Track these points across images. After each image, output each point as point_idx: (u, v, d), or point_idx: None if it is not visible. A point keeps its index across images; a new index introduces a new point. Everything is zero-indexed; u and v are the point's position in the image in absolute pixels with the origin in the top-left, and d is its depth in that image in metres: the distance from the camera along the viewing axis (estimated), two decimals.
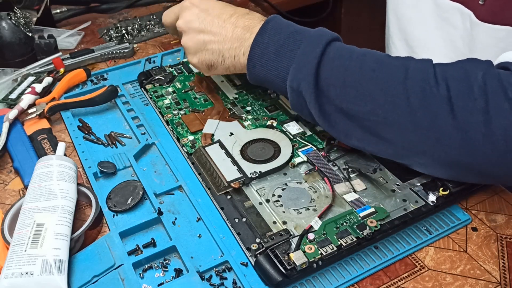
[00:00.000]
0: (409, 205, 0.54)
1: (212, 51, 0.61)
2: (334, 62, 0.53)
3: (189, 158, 0.63)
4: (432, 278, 0.49)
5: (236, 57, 0.60)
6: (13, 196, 0.61)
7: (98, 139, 0.68)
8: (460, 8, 0.64)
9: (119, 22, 0.96)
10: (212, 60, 0.62)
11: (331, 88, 0.53)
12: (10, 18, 0.81)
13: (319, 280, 0.49)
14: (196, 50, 0.63)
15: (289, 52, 0.56)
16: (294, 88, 0.55)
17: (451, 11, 0.66)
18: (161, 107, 0.71)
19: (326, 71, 0.53)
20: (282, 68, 0.56)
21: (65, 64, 0.81)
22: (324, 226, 0.52)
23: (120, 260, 0.51)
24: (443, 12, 0.68)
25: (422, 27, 0.73)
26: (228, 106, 0.70)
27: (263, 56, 0.58)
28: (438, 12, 0.68)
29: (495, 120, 0.46)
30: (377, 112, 0.51)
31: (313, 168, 0.59)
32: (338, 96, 0.53)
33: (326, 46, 0.54)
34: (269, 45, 0.57)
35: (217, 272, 0.50)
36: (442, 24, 0.69)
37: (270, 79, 0.58)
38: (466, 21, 0.64)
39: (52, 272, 0.47)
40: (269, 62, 0.57)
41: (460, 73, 0.49)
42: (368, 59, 0.53)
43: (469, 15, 0.63)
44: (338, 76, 0.53)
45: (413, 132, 0.50)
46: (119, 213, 0.57)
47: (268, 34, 0.57)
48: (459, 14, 0.65)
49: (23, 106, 0.70)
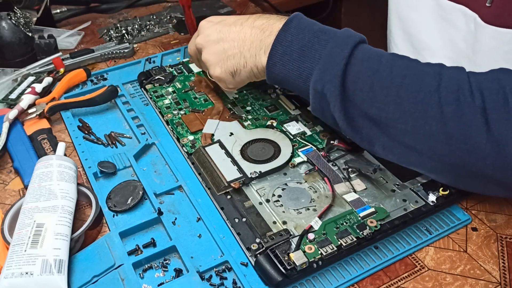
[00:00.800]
0: (409, 205, 0.54)
1: (234, 55, 0.59)
2: (362, 65, 0.51)
3: (189, 158, 0.63)
4: (432, 278, 0.49)
5: (257, 56, 0.58)
6: (13, 196, 0.61)
7: (98, 139, 0.68)
8: (464, 10, 0.64)
9: (119, 22, 0.96)
10: (234, 65, 0.59)
11: (358, 92, 0.51)
12: (10, 18, 0.81)
13: (319, 280, 0.49)
14: (217, 61, 0.60)
15: (314, 51, 0.53)
16: (318, 90, 0.53)
17: (454, 12, 0.66)
18: (161, 107, 0.71)
19: (353, 73, 0.51)
20: (305, 68, 0.54)
21: (65, 64, 0.81)
22: (324, 226, 0.52)
23: (120, 260, 0.51)
24: (446, 14, 0.67)
25: (424, 28, 0.72)
26: (228, 106, 0.70)
27: (285, 55, 0.55)
28: (440, 13, 0.68)
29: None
30: (406, 120, 0.49)
31: (313, 168, 0.59)
32: (365, 101, 0.50)
33: (354, 48, 0.52)
34: (292, 44, 0.54)
35: (217, 272, 0.50)
36: (444, 25, 0.68)
37: (291, 79, 0.56)
38: (470, 23, 0.63)
39: (52, 272, 0.47)
40: (292, 61, 0.55)
41: (494, 83, 0.47)
42: (398, 63, 0.51)
43: (473, 17, 0.62)
44: (366, 79, 0.50)
45: (443, 143, 0.48)
46: (119, 213, 0.57)
47: (291, 32, 0.55)
48: (463, 16, 0.64)
49: (23, 106, 0.70)
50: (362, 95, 0.51)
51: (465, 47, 0.66)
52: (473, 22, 0.62)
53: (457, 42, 0.67)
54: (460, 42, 0.67)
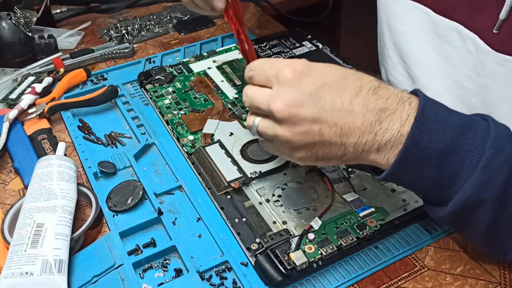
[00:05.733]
0: (409, 205, 0.54)
1: (330, 144, 0.44)
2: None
3: (189, 158, 0.63)
4: (432, 278, 0.49)
5: (364, 152, 0.44)
6: (13, 196, 0.61)
7: (98, 139, 0.68)
8: (459, 28, 0.61)
9: (119, 22, 0.96)
10: (327, 153, 0.45)
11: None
12: (10, 18, 0.81)
13: (319, 280, 0.49)
14: (306, 144, 0.44)
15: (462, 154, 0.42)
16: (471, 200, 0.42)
17: (449, 29, 0.63)
18: (161, 107, 0.71)
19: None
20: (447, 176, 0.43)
21: (65, 64, 0.81)
22: (324, 226, 0.52)
23: (120, 260, 0.51)
24: (439, 30, 0.65)
25: (416, 43, 0.70)
26: (228, 106, 0.70)
27: (421, 161, 0.42)
28: (434, 29, 0.66)
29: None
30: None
31: (313, 168, 0.59)
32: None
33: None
34: (429, 146, 0.42)
35: (217, 272, 0.50)
36: (438, 41, 0.66)
37: (422, 186, 0.45)
38: (467, 43, 0.61)
39: (52, 272, 0.47)
40: (428, 168, 0.43)
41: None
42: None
43: (472, 38, 0.60)
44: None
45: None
46: (119, 213, 0.57)
47: (428, 131, 0.42)
48: (457, 34, 0.62)
49: (23, 106, 0.70)
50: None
51: (464, 66, 0.63)
52: (471, 42, 0.60)
53: (451, 60, 0.65)
54: (454, 59, 0.64)
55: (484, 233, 0.44)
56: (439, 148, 0.42)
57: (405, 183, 0.46)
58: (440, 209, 0.45)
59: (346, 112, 0.43)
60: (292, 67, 0.44)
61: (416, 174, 0.43)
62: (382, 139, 0.43)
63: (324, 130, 0.43)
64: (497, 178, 0.41)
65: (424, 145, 0.42)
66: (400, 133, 0.42)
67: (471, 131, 0.42)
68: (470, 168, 0.42)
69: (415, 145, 0.42)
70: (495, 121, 0.44)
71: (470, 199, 0.42)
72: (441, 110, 0.43)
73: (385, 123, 0.43)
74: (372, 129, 0.43)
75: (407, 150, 0.42)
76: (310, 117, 0.43)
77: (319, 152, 0.44)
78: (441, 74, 0.67)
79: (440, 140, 0.42)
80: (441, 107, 0.44)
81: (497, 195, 0.41)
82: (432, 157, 0.42)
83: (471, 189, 0.41)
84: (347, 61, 0.76)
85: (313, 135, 0.43)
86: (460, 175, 0.42)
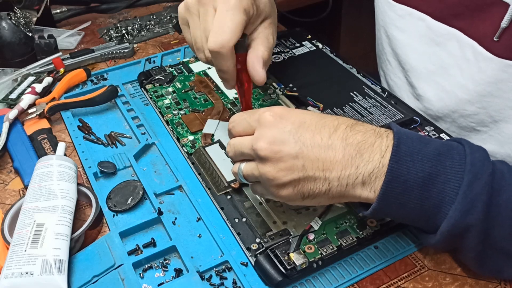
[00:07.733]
0: None
1: (315, 179, 0.44)
2: (501, 197, 0.43)
3: (189, 158, 0.63)
4: (432, 278, 0.49)
5: (348, 186, 0.44)
6: (13, 196, 0.61)
7: (98, 139, 0.68)
8: (458, 34, 0.61)
9: (119, 22, 0.96)
10: (312, 189, 0.45)
11: (497, 227, 0.43)
12: (10, 18, 0.81)
13: (319, 280, 0.49)
14: (291, 181, 0.45)
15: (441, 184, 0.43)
16: (458, 227, 0.43)
17: (447, 36, 0.63)
18: (161, 107, 0.71)
19: (494, 206, 0.43)
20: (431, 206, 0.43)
21: (65, 64, 0.81)
22: (324, 226, 0.52)
23: (120, 260, 0.51)
24: (436, 37, 0.65)
25: (412, 51, 0.70)
26: (228, 106, 0.70)
27: (405, 194, 0.43)
28: (431, 37, 0.66)
29: None
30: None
31: None
32: (505, 237, 0.43)
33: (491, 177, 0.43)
34: (408, 179, 0.42)
35: (217, 272, 0.50)
36: (435, 49, 0.66)
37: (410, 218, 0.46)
38: (466, 50, 0.61)
39: (52, 272, 0.47)
40: (412, 199, 0.43)
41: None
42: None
43: (471, 44, 0.60)
44: (506, 213, 0.43)
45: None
46: (119, 213, 0.57)
47: (406, 163, 0.42)
48: (456, 41, 0.62)
49: (23, 106, 0.70)
50: (503, 231, 0.43)
51: (459, 75, 0.63)
52: (470, 49, 0.60)
53: (448, 69, 0.65)
54: (452, 69, 0.64)
55: (475, 257, 0.45)
56: (419, 179, 0.42)
57: (393, 216, 0.47)
58: (431, 237, 0.45)
59: (326, 147, 0.44)
60: (272, 111, 0.46)
61: (401, 206, 0.44)
62: (365, 171, 0.43)
63: (307, 165, 0.44)
64: (479, 202, 0.42)
65: (403, 178, 0.42)
66: (381, 163, 0.43)
67: (447, 159, 0.43)
68: (452, 195, 0.42)
69: (395, 179, 0.42)
70: (471, 145, 0.45)
71: (456, 225, 0.42)
72: (416, 141, 0.44)
73: (366, 155, 0.44)
74: (353, 161, 0.44)
75: (389, 185, 0.42)
76: (293, 153, 0.44)
77: (305, 188, 0.45)
78: (435, 83, 0.68)
79: (418, 171, 0.42)
80: (416, 138, 0.44)
81: (481, 219, 0.42)
82: (414, 189, 0.43)
83: (456, 215, 0.42)
84: (347, 61, 0.76)
85: (297, 171, 0.44)
86: (444, 203, 0.43)
